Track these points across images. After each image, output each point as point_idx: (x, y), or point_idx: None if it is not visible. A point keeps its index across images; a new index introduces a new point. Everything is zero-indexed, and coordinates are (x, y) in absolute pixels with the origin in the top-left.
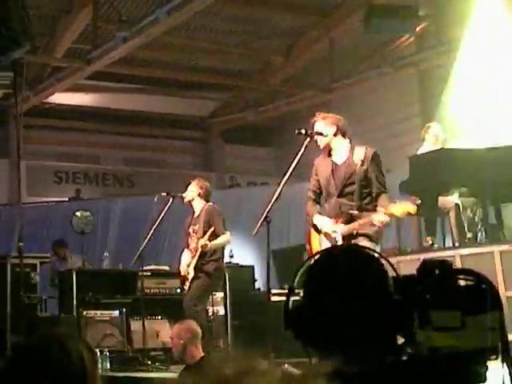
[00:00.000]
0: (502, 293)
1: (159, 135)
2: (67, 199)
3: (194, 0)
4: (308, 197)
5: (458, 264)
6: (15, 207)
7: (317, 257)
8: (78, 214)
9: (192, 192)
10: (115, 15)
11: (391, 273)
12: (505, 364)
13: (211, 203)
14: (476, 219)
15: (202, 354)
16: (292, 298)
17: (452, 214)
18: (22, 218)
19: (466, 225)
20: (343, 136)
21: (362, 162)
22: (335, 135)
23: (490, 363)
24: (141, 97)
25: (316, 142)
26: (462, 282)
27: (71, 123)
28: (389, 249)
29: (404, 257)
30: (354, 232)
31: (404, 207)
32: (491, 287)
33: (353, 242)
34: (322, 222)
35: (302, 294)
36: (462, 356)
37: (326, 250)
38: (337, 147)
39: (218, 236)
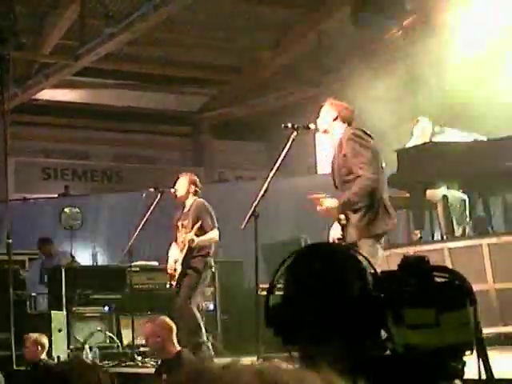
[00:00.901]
0: (491, 285)
1: (148, 131)
2: (56, 195)
3: None
4: None
5: (446, 257)
6: (3, 204)
7: (295, 254)
8: (66, 210)
9: (183, 187)
10: (102, 11)
11: (370, 269)
12: (480, 358)
13: (201, 199)
14: (464, 212)
15: (179, 348)
16: (272, 296)
17: (440, 207)
18: (10, 215)
19: (454, 218)
20: (344, 123)
21: (341, 148)
22: (334, 120)
23: (466, 358)
24: (129, 92)
25: (308, 128)
26: (436, 279)
27: (59, 120)
28: None
29: (393, 250)
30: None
31: (331, 202)
32: (465, 283)
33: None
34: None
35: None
36: (436, 353)
37: (304, 247)
38: (334, 134)
39: (206, 232)
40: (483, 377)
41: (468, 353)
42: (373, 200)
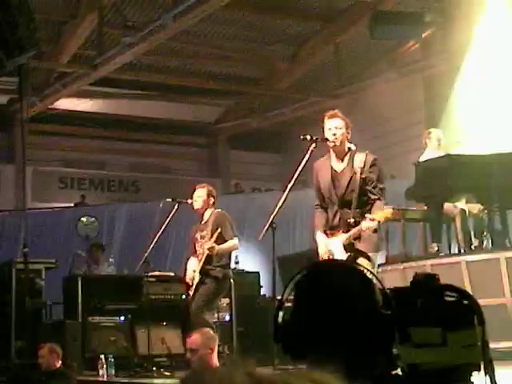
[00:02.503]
0: (508, 299)
1: (165, 141)
2: (72, 205)
3: (200, 6)
4: (315, 206)
5: (464, 271)
6: (20, 213)
7: (304, 271)
8: (83, 219)
9: (202, 198)
10: (121, 21)
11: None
12: (488, 378)
13: (219, 209)
14: (482, 225)
15: (218, 364)
16: (281, 312)
17: (458, 221)
18: (27, 224)
19: (471, 231)
20: (348, 143)
21: (362, 169)
22: (347, 139)
23: (474, 378)
24: (146, 103)
25: (327, 140)
26: (445, 298)
27: (77, 129)
28: (395, 255)
29: (410, 263)
30: (353, 241)
31: (384, 212)
32: (473, 303)
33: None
34: (319, 241)
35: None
36: (443, 372)
37: (314, 264)
38: (341, 152)
39: (226, 241)
40: None
41: (475, 373)
42: None
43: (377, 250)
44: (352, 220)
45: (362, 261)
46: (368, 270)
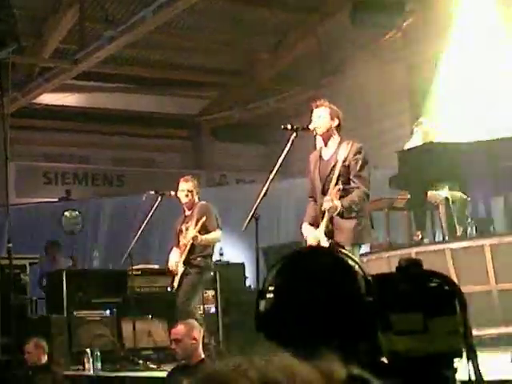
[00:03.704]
0: (493, 286)
1: (148, 134)
2: (57, 199)
3: None
4: (308, 198)
5: (448, 258)
6: (4, 208)
7: (285, 258)
8: (66, 213)
9: (192, 192)
10: (102, 15)
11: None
12: (471, 364)
13: (204, 202)
14: (466, 213)
15: (203, 356)
16: (262, 301)
17: (441, 208)
18: (10, 220)
19: (455, 219)
20: (338, 132)
21: (345, 158)
22: (336, 128)
23: (457, 365)
24: (129, 96)
25: (308, 129)
26: (427, 284)
27: (60, 123)
28: (379, 244)
29: (394, 252)
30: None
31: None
32: (455, 289)
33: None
34: (306, 232)
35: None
36: (425, 360)
37: (294, 251)
38: (329, 141)
39: (210, 232)
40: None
41: (457, 360)
42: (365, 211)
43: (357, 241)
44: (323, 207)
45: None
46: (350, 256)
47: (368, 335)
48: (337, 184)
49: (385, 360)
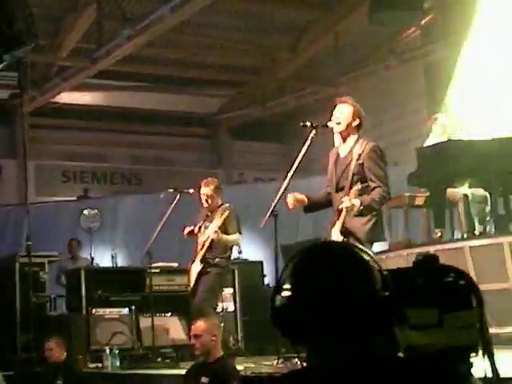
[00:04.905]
0: (511, 284)
1: (166, 133)
2: (75, 198)
3: None
4: (322, 190)
5: (467, 256)
6: (23, 207)
7: (301, 254)
8: (85, 212)
9: (210, 196)
10: (119, 13)
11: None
12: (487, 359)
13: (227, 204)
14: (485, 210)
15: (222, 353)
16: (278, 296)
17: (461, 206)
18: (29, 218)
19: (475, 216)
20: (357, 131)
21: (359, 155)
22: (357, 128)
23: (473, 360)
24: (147, 95)
25: (327, 126)
26: (443, 279)
27: (78, 122)
28: (398, 241)
29: (413, 249)
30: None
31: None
32: (471, 283)
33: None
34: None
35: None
36: (439, 354)
37: (309, 246)
38: (347, 139)
39: (229, 234)
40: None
41: (473, 355)
42: (380, 211)
43: (370, 240)
44: (340, 206)
45: None
46: (365, 251)
47: (384, 330)
48: (352, 182)
49: (401, 354)
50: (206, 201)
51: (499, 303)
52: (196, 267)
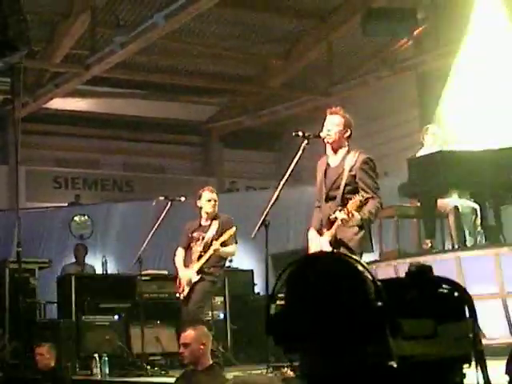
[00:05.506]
0: (501, 295)
1: (158, 140)
2: (66, 204)
3: (192, 5)
4: (316, 205)
5: (457, 267)
6: (14, 212)
7: (295, 264)
8: (76, 218)
9: (216, 201)
10: (113, 20)
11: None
12: (479, 370)
13: (226, 215)
14: (476, 222)
15: (211, 362)
16: (273, 305)
17: (451, 217)
18: (20, 224)
19: (465, 227)
20: (347, 141)
21: (351, 167)
22: (347, 138)
23: (466, 370)
24: (139, 102)
25: (319, 136)
26: (435, 290)
27: (70, 128)
28: (388, 252)
29: (403, 260)
30: (341, 238)
31: (354, 201)
32: (465, 295)
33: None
34: (311, 239)
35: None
36: (433, 365)
37: (304, 256)
38: (338, 150)
39: (226, 245)
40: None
41: (466, 366)
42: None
43: (360, 250)
44: (333, 216)
45: None
46: (359, 261)
47: (377, 339)
48: (344, 192)
49: (394, 364)
50: (214, 206)
51: (489, 314)
52: (189, 274)
